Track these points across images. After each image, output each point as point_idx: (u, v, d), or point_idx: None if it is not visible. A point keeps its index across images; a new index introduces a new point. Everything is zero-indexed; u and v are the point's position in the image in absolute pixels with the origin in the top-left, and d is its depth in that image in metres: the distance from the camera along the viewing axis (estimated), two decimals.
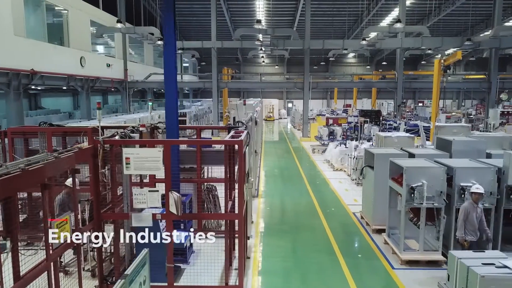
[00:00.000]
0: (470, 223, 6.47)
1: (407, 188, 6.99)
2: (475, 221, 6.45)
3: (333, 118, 25.62)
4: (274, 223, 9.53)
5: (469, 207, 6.49)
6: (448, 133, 11.87)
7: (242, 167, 5.75)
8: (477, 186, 6.53)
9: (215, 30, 24.63)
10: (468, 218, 6.44)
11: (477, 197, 6.45)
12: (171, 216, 5.87)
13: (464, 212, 6.46)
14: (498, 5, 23.69)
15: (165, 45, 6.89)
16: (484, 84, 25.91)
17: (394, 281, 6.54)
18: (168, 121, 7.02)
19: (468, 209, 6.47)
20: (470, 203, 6.51)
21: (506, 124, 19.21)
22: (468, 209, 6.47)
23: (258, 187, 12.78)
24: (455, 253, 5.44)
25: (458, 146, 8.52)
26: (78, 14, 18.94)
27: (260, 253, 7.68)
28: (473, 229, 6.48)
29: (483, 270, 4.96)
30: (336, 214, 10.24)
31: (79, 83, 19.38)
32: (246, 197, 7.01)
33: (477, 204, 6.48)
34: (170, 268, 6.02)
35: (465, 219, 6.43)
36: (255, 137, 11.95)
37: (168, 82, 6.96)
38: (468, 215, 6.44)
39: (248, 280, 6.58)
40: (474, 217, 6.45)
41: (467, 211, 6.45)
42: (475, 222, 6.45)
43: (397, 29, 17.17)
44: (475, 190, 6.48)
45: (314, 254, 7.63)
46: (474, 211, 6.46)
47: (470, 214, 6.46)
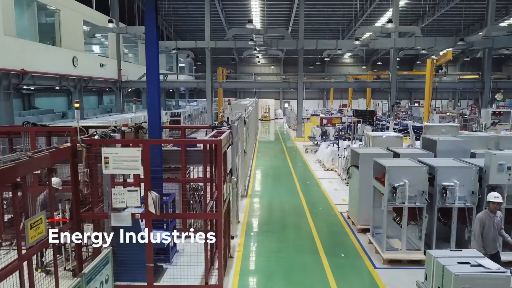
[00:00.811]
0: (487, 236, 5.82)
1: (389, 188, 7.01)
2: (492, 233, 5.83)
3: (327, 118, 25.68)
4: (260, 222, 9.54)
5: (484, 218, 5.83)
6: (436, 132, 11.89)
7: (222, 167, 5.75)
8: (495, 195, 5.90)
9: (209, 30, 24.63)
10: (484, 231, 5.79)
11: (495, 206, 5.84)
12: (150, 215, 5.87)
13: (479, 223, 5.80)
14: (491, 6, 23.75)
15: (147, 45, 6.88)
16: (477, 84, 25.98)
17: (375, 281, 6.55)
18: (150, 121, 7.01)
19: (483, 220, 5.81)
20: (486, 213, 5.87)
21: (497, 124, 19.28)
22: (484, 220, 5.81)
23: (248, 187, 12.79)
24: (432, 252, 5.44)
25: (442, 146, 8.55)
26: (70, 14, 18.91)
27: (244, 253, 7.67)
28: (490, 242, 5.85)
29: (458, 269, 4.97)
30: (324, 213, 10.25)
31: (71, 83, 19.34)
32: (228, 196, 7.02)
33: (494, 213, 5.87)
34: (150, 267, 6.02)
35: (481, 231, 5.77)
36: (244, 137, 11.94)
37: (150, 82, 6.96)
38: (484, 227, 5.79)
39: (229, 279, 6.59)
40: (492, 228, 5.83)
41: (482, 222, 5.80)
42: (493, 234, 5.84)
43: (389, 29, 17.19)
44: (494, 199, 5.83)
45: (298, 254, 7.64)
46: (491, 221, 5.85)
47: (487, 225, 5.81)
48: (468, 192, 6.98)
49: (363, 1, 29.70)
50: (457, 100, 46.29)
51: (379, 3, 27.86)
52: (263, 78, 45.25)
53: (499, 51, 29.02)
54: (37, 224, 4.79)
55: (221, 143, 5.68)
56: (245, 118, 11.43)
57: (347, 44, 22.93)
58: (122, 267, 6.43)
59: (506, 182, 6.83)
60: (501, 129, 17.17)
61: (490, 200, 5.85)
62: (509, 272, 4.91)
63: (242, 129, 11.52)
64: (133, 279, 6.36)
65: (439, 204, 7.03)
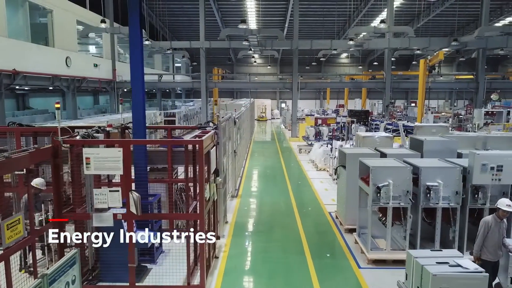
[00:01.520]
0: (490, 241, 5.66)
1: (374, 188, 7.02)
2: (496, 239, 5.66)
3: (322, 118, 25.69)
4: (249, 223, 9.54)
5: (491, 222, 5.66)
6: (426, 133, 11.90)
7: (203, 167, 5.75)
8: (508, 203, 5.61)
9: (204, 30, 24.62)
10: (489, 235, 5.64)
11: (505, 214, 5.64)
12: (132, 216, 5.87)
13: (485, 227, 5.65)
14: (485, 6, 23.81)
15: (131, 43, 6.87)
16: (472, 84, 26.04)
17: (358, 281, 6.56)
18: (134, 121, 6.99)
19: (490, 224, 5.65)
20: (494, 218, 5.69)
21: (490, 124, 19.32)
22: (491, 224, 5.65)
23: (240, 187, 12.80)
24: (412, 252, 5.46)
25: (429, 146, 8.57)
26: (63, 14, 18.88)
27: (230, 253, 7.67)
28: (493, 248, 5.67)
29: (436, 269, 4.98)
30: (312, 213, 10.26)
31: (64, 83, 19.31)
32: (213, 196, 7.02)
33: (501, 219, 5.70)
34: (132, 268, 6.01)
35: (485, 235, 5.65)
36: (235, 137, 11.95)
37: (134, 81, 6.93)
38: (489, 231, 5.64)
39: (213, 280, 6.59)
40: (497, 233, 5.65)
41: (488, 226, 5.64)
42: (496, 240, 5.67)
43: (382, 30, 17.22)
44: (505, 208, 5.57)
45: (284, 254, 7.64)
46: (498, 227, 5.67)
47: (492, 230, 5.64)
48: (452, 192, 7.00)
49: (358, 2, 29.75)
50: (454, 100, 46.38)
51: (374, 3, 27.90)
52: (259, 78, 45.28)
53: (494, 51, 29.07)
54: (14, 225, 4.78)
55: (203, 143, 5.68)
56: (235, 118, 11.42)
57: (341, 44, 22.96)
58: (106, 268, 6.45)
59: (489, 182, 6.84)
60: (493, 129, 17.22)
61: (501, 208, 5.61)
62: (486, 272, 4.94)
63: (232, 129, 11.52)
64: (116, 279, 6.36)
65: (423, 204, 7.04)
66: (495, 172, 6.78)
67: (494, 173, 6.78)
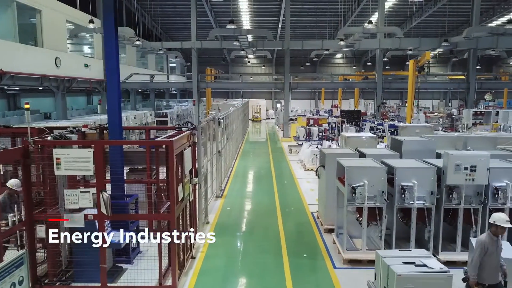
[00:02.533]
0: (488, 263, 4.98)
1: (349, 188, 7.04)
2: (496, 260, 5.01)
3: (314, 118, 25.72)
4: (230, 223, 9.54)
5: (487, 242, 4.98)
6: (411, 133, 11.94)
7: (173, 168, 5.75)
8: (506, 218, 5.02)
9: (195, 30, 24.63)
10: (486, 257, 4.96)
11: (503, 231, 5.04)
12: (103, 217, 5.87)
13: (481, 249, 4.96)
14: (476, 7, 23.91)
15: (105, 45, 6.88)
16: (463, 84, 26.11)
17: (331, 281, 6.58)
18: (110, 121, 6.99)
19: (486, 245, 4.96)
20: (490, 236, 5.02)
21: (478, 124, 19.39)
22: (487, 245, 4.96)
23: (225, 188, 12.80)
24: (380, 252, 5.48)
25: (408, 146, 8.60)
26: (52, 14, 18.83)
27: (207, 253, 7.67)
28: (494, 271, 5.01)
29: (402, 269, 5.01)
30: (295, 214, 10.27)
31: (54, 84, 19.25)
32: (188, 197, 7.02)
33: (497, 237, 5.04)
34: (103, 268, 6.01)
35: (481, 257, 4.96)
36: (219, 138, 11.95)
37: (109, 82, 6.94)
38: (487, 252, 4.95)
39: (187, 280, 6.60)
40: (495, 254, 4.99)
41: (485, 248, 4.95)
42: (496, 262, 5.01)
43: (370, 30, 17.26)
44: (504, 224, 4.96)
45: (261, 254, 7.65)
46: (495, 246, 5.00)
47: (490, 251, 4.95)
48: (427, 192, 7.03)
49: (351, 2, 29.79)
50: (448, 100, 46.53)
51: (367, 3, 27.93)
52: (254, 78, 45.28)
53: (488, 51, 29.15)
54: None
55: (173, 143, 5.68)
56: (219, 119, 11.42)
57: (332, 45, 22.98)
58: (79, 268, 6.44)
59: (463, 182, 6.87)
60: (481, 129, 17.28)
61: (500, 225, 4.97)
62: (451, 272, 4.96)
63: (217, 130, 11.52)
64: (90, 280, 6.36)
65: (398, 204, 7.07)
66: (469, 172, 6.81)
67: (468, 173, 6.82)
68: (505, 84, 31.60)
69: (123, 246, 6.50)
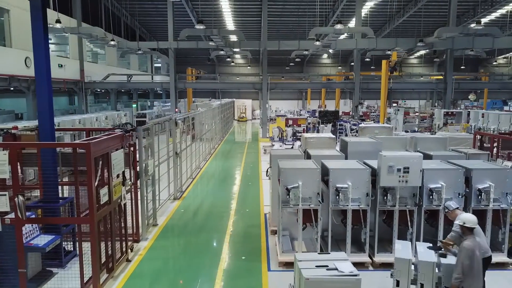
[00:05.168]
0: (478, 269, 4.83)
1: (283, 189, 6.97)
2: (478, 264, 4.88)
3: (292, 119, 25.70)
4: (179, 225, 9.44)
5: (475, 246, 4.83)
6: (370, 133, 11.88)
7: (91, 171, 5.64)
8: (475, 220, 5.07)
9: (172, 30, 24.49)
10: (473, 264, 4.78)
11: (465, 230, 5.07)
12: (20, 221, 5.74)
13: (470, 257, 4.78)
14: (453, 8, 24.01)
15: (34, 43, 6.76)
16: (440, 85, 26.19)
17: (261, 284, 6.51)
18: (40, 123, 6.86)
19: (474, 251, 4.80)
20: (474, 240, 4.92)
21: (449, 124, 19.44)
22: (474, 250, 4.81)
23: (186, 189, 12.69)
24: (297, 255, 5.43)
25: (353, 147, 8.55)
26: (21, 13, 18.57)
27: (146, 256, 7.57)
28: (479, 275, 4.90)
29: (311, 272, 4.95)
30: (249, 215, 10.19)
31: (24, 84, 19.03)
32: (119, 200, 6.91)
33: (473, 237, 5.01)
34: (22, 273, 5.88)
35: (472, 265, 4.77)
36: (179, 139, 11.83)
37: (39, 82, 6.81)
38: (475, 258, 4.80)
39: (115, 284, 6.49)
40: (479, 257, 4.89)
41: (472, 253, 4.79)
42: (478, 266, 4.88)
43: (342, 31, 17.23)
44: (469, 224, 5.01)
45: (199, 257, 7.56)
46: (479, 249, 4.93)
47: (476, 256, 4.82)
48: (363, 194, 6.98)
49: (332, 2, 29.78)
50: (434, 100, 46.73)
51: (347, 4, 27.94)
52: (241, 78, 45.19)
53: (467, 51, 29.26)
54: None
55: (90, 146, 5.57)
56: (176, 119, 11.31)
57: (309, 45, 22.94)
58: (2, 274, 6.31)
59: (396, 184, 6.83)
60: (451, 130, 17.32)
61: (468, 226, 5.02)
62: (360, 275, 4.90)
63: (175, 131, 11.41)
64: (14, 285, 6.23)
65: (332, 206, 7.01)
66: (402, 174, 6.76)
67: (401, 175, 6.77)
68: (484, 84, 31.79)
69: (48, 250, 6.38)
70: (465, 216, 5.24)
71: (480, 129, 17.84)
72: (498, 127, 17.10)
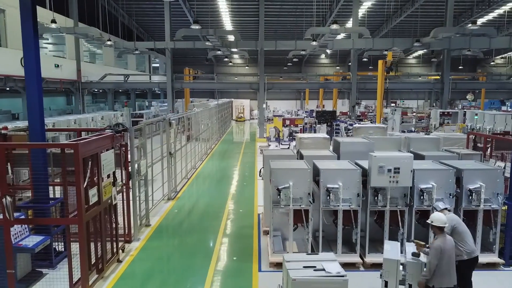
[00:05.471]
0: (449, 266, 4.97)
1: (274, 190, 6.96)
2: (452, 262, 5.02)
3: (290, 119, 25.70)
4: (172, 226, 9.43)
5: (443, 246, 4.94)
6: (364, 133, 11.86)
7: (79, 171, 5.62)
8: (444, 220, 5.15)
9: (169, 30, 24.47)
10: (441, 263, 4.93)
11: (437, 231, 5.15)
12: (8, 221, 5.73)
13: (438, 255, 4.92)
14: (450, 8, 24.01)
15: (24, 44, 6.75)
16: (437, 85, 26.19)
17: (251, 284, 6.50)
18: (30, 123, 6.85)
19: (442, 250, 4.92)
20: (444, 239, 5.02)
21: (445, 124, 19.44)
22: (442, 249, 4.93)
23: (181, 189, 12.68)
24: (285, 256, 5.42)
25: (345, 148, 8.54)
26: (17, 13, 18.48)
27: (137, 257, 7.56)
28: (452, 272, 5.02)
29: (299, 273, 4.94)
30: (242, 216, 10.18)
31: (19, 84, 18.99)
32: (109, 200, 6.89)
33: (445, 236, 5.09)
34: (10, 274, 5.87)
35: (440, 264, 4.91)
36: (172, 139, 11.81)
37: (29, 82, 6.81)
38: (444, 257, 4.93)
39: (104, 285, 6.47)
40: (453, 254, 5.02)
41: (439, 253, 4.92)
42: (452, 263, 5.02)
43: (337, 31, 17.22)
44: (437, 223, 5.09)
45: (191, 258, 7.55)
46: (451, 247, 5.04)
47: (447, 255, 4.95)
48: (353, 194, 6.97)
49: (330, 2, 29.78)
50: (433, 100, 46.76)
51: (345, 4, 27.94)
52: (239, 78, 45.16)
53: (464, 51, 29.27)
54: None
55: (78, 147, 5.55)
56: (170, 120, 11.29)
57: (306, 45, 22.92)
58: None
59: (387, 184, 6.82)
60: (448, 130, 17.32)
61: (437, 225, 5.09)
62: (347, 276, 4.89)
63: (168, 131, 11.39)
64: (4, 286, 6.22)
65: (323, 207, 7.00)
66: (392, 174, 6.76)
67: (392, 175, 6.77)
68: (481, 84, 31.80)
69: (37, 250, 6.36)
70: (434, 215, 5.28)
71: (473, 129, 17.85)
72: (494, 127, 17.10)
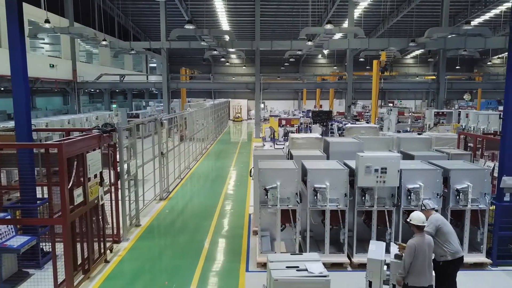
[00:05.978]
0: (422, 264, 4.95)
1: (261, 189, 6.95)
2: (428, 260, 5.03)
3: (285, 119, 25.70)
4: (162, 226, 9.42)
5: (418, 245, 4.96)
6: (356, 133, 11.86)
7: (63, 171, 5.60)
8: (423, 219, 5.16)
9: (165, 30, 24.44)
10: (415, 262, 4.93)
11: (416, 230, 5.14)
12: None
13: (411, 253, 4.95)
14: (445, 8, 24.04)
15: (10, 43, 6.72)
16: (433, 85, 26.21)
17: (237, 284, 6.49)
18: (17, 123, 6.83)
19: (416, 249, 4.94)
20: (419, 238, 5.04)
21: (439, 124, 19.46)
22: (417, 248, 4.95)
23: (173, 189, 12.66)
24: (269, 256, 5.42)
25: (335, 148, 8.54)
26: None
27: (125, 257, 7.54)
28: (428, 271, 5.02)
29: (281, 273, 4.94)
30: (234, 215, 10.17)
31: None
32: (96, 200, 6.87)
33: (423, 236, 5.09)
34: None
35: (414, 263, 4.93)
36: (164, 139, 11.79)
37: (15, 82, 6.79)
38: (419, 256, 4.93)
39: (90, 285, 6.45)
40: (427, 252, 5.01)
41: (414, 251, 4.94)
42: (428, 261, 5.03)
43: (332, 31, 17.20)
44: (414, 222, 5.12)
45: (179, 258, 7.54)
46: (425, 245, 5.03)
47: (421, 253, 4.94)
48: (341, 194, 6.96)
49: (326, 2, 29.77)
50: (430, 100, 46.79)
51: (341, 4, 27.94)
52: (237, 78, 45.13)
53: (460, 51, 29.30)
54: None
55: (62, 147, 5.54)
56: (162, 120, 11.28)
57: (302, 45, 22.90)
58: None
59: (374, 184, 6.82)
60: (442, 130, 17.33)
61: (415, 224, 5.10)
62: (329, 276, 4.89)
63: (160, 131, 11.37)
64: None
65: (310, 206, 6.99)
66: (379, 174, 6.75)
67: (379, 175, 6.76)
68: (477, 84, 31.83)
69: (23, 251, 6.33)
70: (413, 214, 5.28)
71: (464, 129, 17.86)
72: (488, 127, 17.12)
